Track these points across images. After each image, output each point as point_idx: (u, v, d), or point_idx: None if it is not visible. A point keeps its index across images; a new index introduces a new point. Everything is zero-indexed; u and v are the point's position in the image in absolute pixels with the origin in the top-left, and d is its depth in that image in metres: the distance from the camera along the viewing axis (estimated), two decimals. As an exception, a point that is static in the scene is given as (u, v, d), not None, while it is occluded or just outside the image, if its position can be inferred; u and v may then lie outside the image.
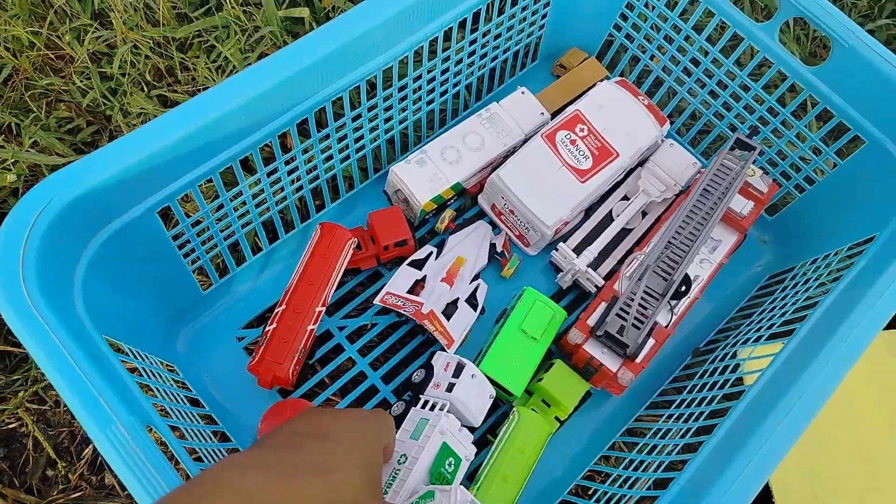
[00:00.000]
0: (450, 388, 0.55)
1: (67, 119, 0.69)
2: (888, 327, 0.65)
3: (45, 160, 0.65)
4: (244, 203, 0.57)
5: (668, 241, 0.61)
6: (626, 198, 0.71)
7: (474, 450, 0.53)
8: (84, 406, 0.36)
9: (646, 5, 0.72)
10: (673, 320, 0.61)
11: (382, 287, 0.63)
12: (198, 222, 0.54)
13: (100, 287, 0.45)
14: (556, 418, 0.61)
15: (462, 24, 0.63)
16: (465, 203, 0.71)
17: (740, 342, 0.60)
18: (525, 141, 0.69)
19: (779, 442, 0.45)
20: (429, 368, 0.58)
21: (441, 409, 0.53)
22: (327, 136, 0.59)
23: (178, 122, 0.45)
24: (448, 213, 0.67)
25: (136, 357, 0.48)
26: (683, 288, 0.62)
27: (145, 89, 0.70)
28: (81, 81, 0.70)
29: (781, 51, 0.64)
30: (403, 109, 0.66)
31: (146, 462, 0.36)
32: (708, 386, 0.57)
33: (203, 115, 0.46)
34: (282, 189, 0.60)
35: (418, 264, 0.64)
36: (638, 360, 0.58)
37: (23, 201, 0.40)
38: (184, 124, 0.45)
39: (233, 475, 0.29)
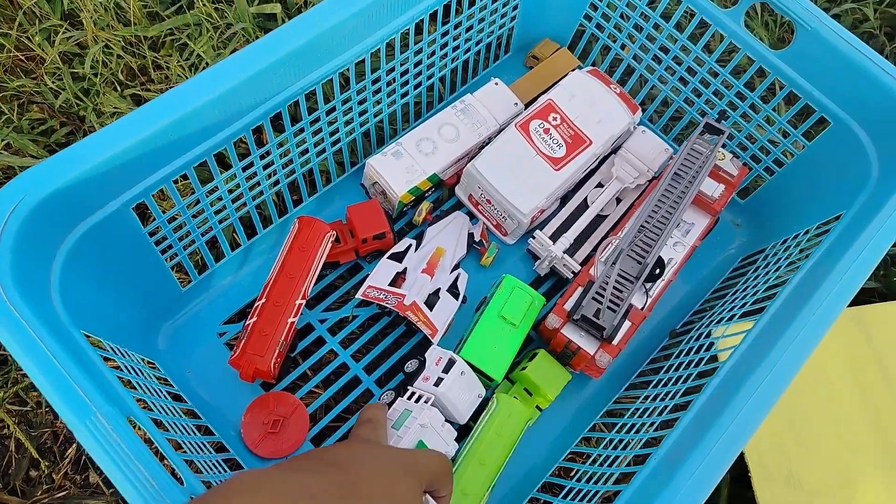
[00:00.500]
0: (438, 382, 0.56)
1: (40, 120, 0.69)
2: (857, 303, 0.68)
3: (19, 162, 0.65)
4: (220, 199, 0.58)
5: (641, 225, 0.62)
6: (600, 185, 0.72)
7: (456, 446, 0.54)
8: (62, 397, 0.36)
9: (615, -5, 0.73)
10: (648, 303, 0.62)
11: (362, 280, 0.63)
12: (174, 218, 0.54)
13: (77, 283, 0.45)
14: (538, 407, 0.62)
15: (433, 17, 0.64)
16: (442, 194, 0.72)
17: (714, 322, 0.61)
18: (500, 131, 0.70)
19: (751, 414, 0.46)
20: (422, 361, 0.59)
21: (426, 403, 0.54)
22: (302, 130, 0.60)
23: (150, 117, 0.45)
24: (425, 205, 0.68)
25: (115, 352, 0.48)
26: (658, 270, 0.63)
27: (118, 89, 0.70)
28: (53, 82, 0.69)
29: (747, 36, 0.65)
30: (378, 102, 0.66)
31: (127, 452, 0.36)
32: (684, 365, 0.58)
33: (175, 110, 0.46)
34: (258, 184, 0.60)
35: (398, 257, 0.65)
36: (615, 342, 0.59)
37: (-5, 198, 0.40)
38: (156, 119, 0.46)
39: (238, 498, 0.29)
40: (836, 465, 0.56)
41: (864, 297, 0.69)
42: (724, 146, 0.71)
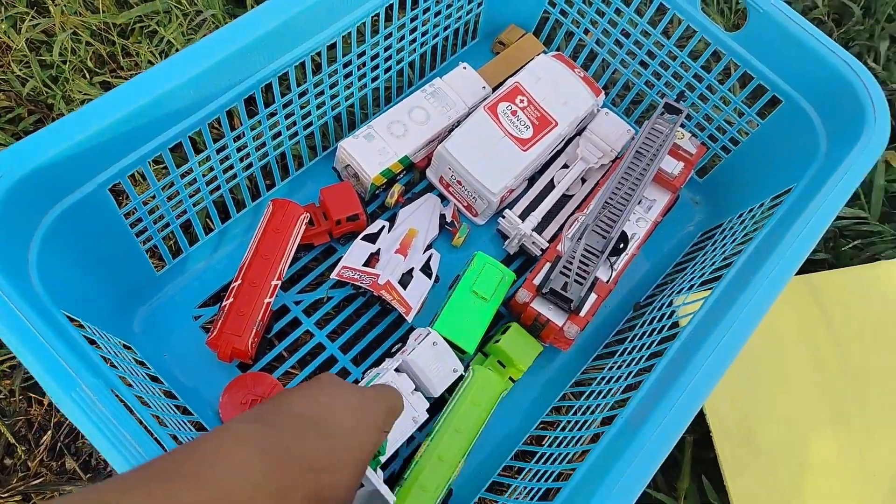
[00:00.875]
0: (410, 352, 0.58)
1: (7, 108, 0.68)
2: (807, 271, 0.71)
3: (-13, 149, 0.64)
4: (195, 181, 0.58)
5: (606, 202, 0.65)
6: (565, 166, 0.74)
7: (425, 414, 0.55)
8: (47, 370, 0.37)
9: (577, -19, 0.75)
10: (613, 276, 0.65)
11: (336, 262, 0.65)
12: (149, 200, 0.55)
13: (54, 264, 0.46)
14: (511, 378, 0.64)
15: (402, 3, 0.65)
16: (413, 177, 0.73)
17: (675, 292, 0.64)
18: (468, 114, 0.72)
19: (709, 372, 0.48)
20: (405, 341, 0.60)
21: (395, 372, 0.56)
22: (275, 113, 0.61)
23: (125, 98, 0.46)
24: (397, 188, 0.69)
25: (94, 333, 0.49)
26: (622, 245, 0.66)
27: (87, 76, 0.70)
28: (20, 70, 0.69)
29: (704, 19, 0.68)
30: (349, 86, 0.67)
31: (114, 421, 0.37)
32: (647, 333, 0.61)
33: (150, 92, 0.47)
34: (231, 167, 0.61)
35: (371, 238, 0.66)
36: (582, 313, 0.62)
37: (-29, 178, 0.40)
38: (131, 101, 0.46)
39: (231, 448, 0.30)
40: (791, 423, 0.59)
41: (814, 269, 0.73)
42: (682, 126, 0.74)
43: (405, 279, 0.63)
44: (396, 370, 0.56)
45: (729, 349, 0.50)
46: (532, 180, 0.73)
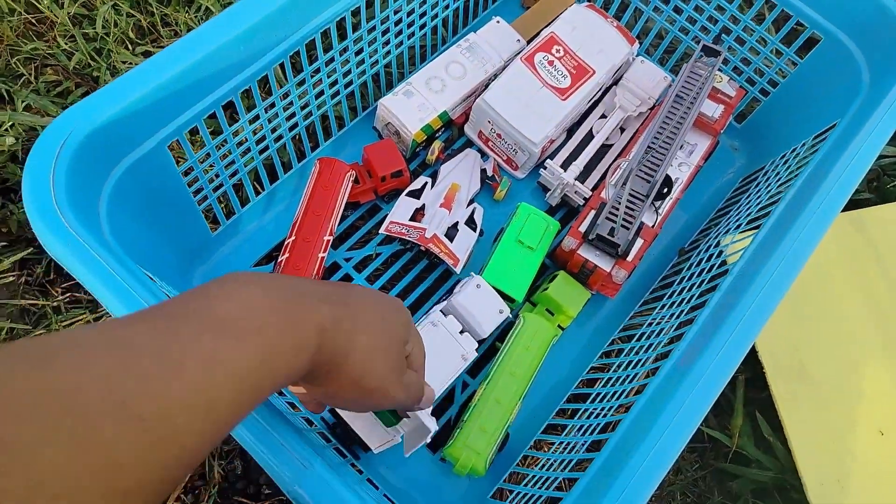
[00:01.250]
0: (455, 294, 0.59)
1: (55, 83, 0.70)
2: (853, 207, 0.71)
3: (41, 122, 0.66)
4: (245, 140, 0.60)
5: (648, 146, 0.65)
6: (603, 116, 0.74)
7: (474, 353, 0.57)
8: (128, 308, 0.38)
9: (608, -71, 0.75)
10: (658, 220, 0.65)
11: (382, 220, 0.66)
12: (205, 158, 0.56)
13: (122, 218, 0.47)
14: (560, 326, 0.65)
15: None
16: (452, 134, 0.74)
17: (722, 233, 0.64)
18: (504, 68, 0.72)
19: (760, 307, 0.49)
20: (451, 292, 0.62)
21: (441, 312, 0.57)
22: (318, 71, 0.62)
23: (180, 54, 0.47)
24: (437, 144, 0.70)
25: (161, 288, 0.51)
26: (665, 189, 0.66)
27: (129, 47, 0.71)
28: (66, 43, 0.70)
29: (739, -41, 0.67)
30: (386, 43, 0.68)
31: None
32: (697, 274, 0.61)
33: (203, 47, 0.48)
34: (279, 126, 0.62)
35: (416, 194, 0.67)
36: (629, 258, 0.63)
37: (45, 134, 0.42)
38: (186, 57, 0.47)
39: (233, 287, 0.28)
40: (842, 355, 0.60)
41: (858, 208, 0.72)
42: (720, 70, 0.73)
43: (451, 232, 0.64)
44: (443, 312, 0.58)
45: (780, 283, 0.50)
46: (570, 131, 0.73)
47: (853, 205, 0.71)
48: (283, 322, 0.28)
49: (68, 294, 0.65)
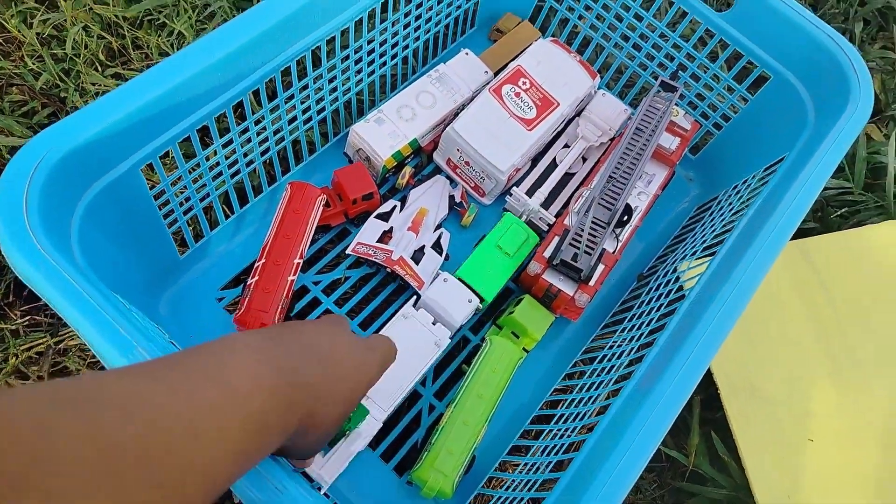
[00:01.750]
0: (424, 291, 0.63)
1: (21, 102, 0.69)
2: (801, 235, 0.75)
3: (5, 141, 0.65)
4: (217, 164, 0.60)
5: (610, 176, 0.68)
6: (566, 146, 0.77)
7: (448, 340, 0.61)
8: (103, 334, 0.38)
9: (571, -31, 0.78)
10: (619, 246, 0.68)
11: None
12: (177, 181, 0.57)
13: (94, 239, 0.47)
14: (524, 349, 0.67)
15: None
16: (421, 161, 0.76)
17: (679, 259, 0.67)
18: (472, 98, 0.75)
19: (715, 331, 0.51)
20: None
21: (413, 306, 0.61)
22: (292, 97, 0.63)
23: (157, 79, 0.48)
24: (407, 170, 0.72)
25: (130, 311, 0.50)
26: (626, 217, 0.69)
27: (99, 69, 0.71)
28: (34, 64, 0.70)
29: (695, 1, 0.71)
30: (358, 72, 0.70)
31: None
32: (655, 298, 0.64)
33: (180, 73, 0.49)
34: (251, 150, 0.63)
35: (384, 217, 0.68)
36: (591, 283, 0.65)
37: (20, 154, 0.42)
38: (163, 82, 0.48)
39: (244, 355, 0.30)
40: (792, 376, 0.63)
41: (805, 236, 0.77)
42: (676, 104, 0.77)
43: (417, 255, 0.66)
44: (415, 306, 0.61)
45: (733, 308, 0.52)
46: (535, 160, 0.76)
47: (800, 233, 0.75)
48: (281, 407, 0.31)
49: (28, 317, 0.64)
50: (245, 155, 0.63)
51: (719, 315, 0.52)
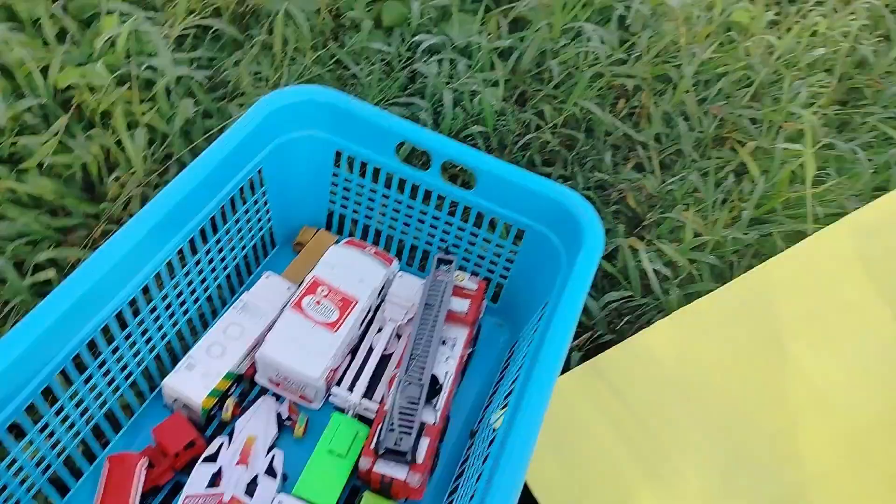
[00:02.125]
0: None
1: None
2: (600, 350, 0.84)
3: None
4: (22, 468, 0.61)
5: (411, 354, 0.74)
6: (380, 330, 0.84)
7: None
8: None
9: (345, 179, 0.90)
10: (438, 416, 0.73)
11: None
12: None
13: None
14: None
15: (203, 235, 0.75)
16: (245, 387, 0.79)
17: (493, 411, 0.73)
18: (280, 315, 0.81)
19: (515, 468, 0.57)
20: None
21: None
22: (90, 378, 0.66)
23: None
24: (231, 402, 0.75)
25: None
26: (437, 386, 0.75)
27: None
28: None
29: (446, 185, 0.84)
30: (160, 328, 0.74)
31: None
32: (479, 454, 0.69)
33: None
34: (57, 443, 0.64)
35: (212, 458, 0.70)
36: (419, 460, 0.69)
37: None
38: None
39: None
40: (611, 490, 0.68)
41: (604, 349, 0.86)
42: (462, 269, 0.87)
43: (250, 488, 0.67)
44: None
45: (524, 446, 0.58)
46: (353, 351, 0.82)
47: (598, 349, 0.84)
48: None
49: None
50: (53, 447, 0.63)
51: (515, 455, 0.58)
